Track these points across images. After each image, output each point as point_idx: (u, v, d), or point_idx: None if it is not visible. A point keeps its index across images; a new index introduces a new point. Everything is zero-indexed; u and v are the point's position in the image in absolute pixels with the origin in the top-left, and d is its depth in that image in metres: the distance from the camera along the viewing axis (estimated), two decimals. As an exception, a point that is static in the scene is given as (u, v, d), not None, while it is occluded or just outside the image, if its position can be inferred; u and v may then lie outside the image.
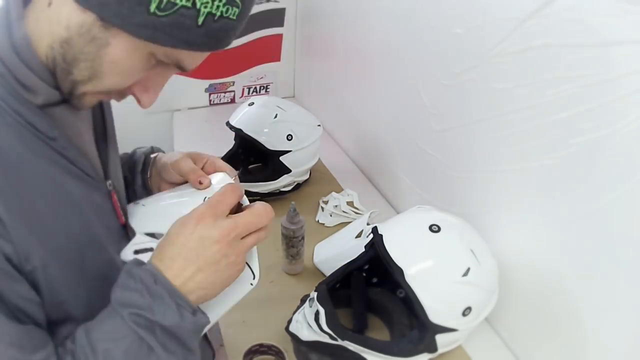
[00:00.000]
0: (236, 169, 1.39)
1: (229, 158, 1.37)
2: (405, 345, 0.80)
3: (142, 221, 0.62)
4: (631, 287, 0.68)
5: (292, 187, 1.33)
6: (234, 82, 1.93)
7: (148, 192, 0.76)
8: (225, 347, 0.91)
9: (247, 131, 1.24)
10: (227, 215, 0.56)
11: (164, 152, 0.80)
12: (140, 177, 0.74)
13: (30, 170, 0.48)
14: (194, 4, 0.44)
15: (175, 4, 0.44)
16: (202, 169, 0.68)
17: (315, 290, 0.85)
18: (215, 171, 0.68)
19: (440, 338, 0.79)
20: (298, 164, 1.28)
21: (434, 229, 0.80)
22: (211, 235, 0.53)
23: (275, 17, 1.83)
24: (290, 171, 1.27)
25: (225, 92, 1.94)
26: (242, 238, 0.56)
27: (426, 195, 1.16)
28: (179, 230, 0.54)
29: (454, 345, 0.85)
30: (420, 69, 1.09)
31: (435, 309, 0.76)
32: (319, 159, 1.39)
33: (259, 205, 0.58)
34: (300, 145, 1.26)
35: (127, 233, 0.65)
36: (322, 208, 1.29)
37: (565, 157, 0.74)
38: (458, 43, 0.93)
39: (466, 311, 0.78)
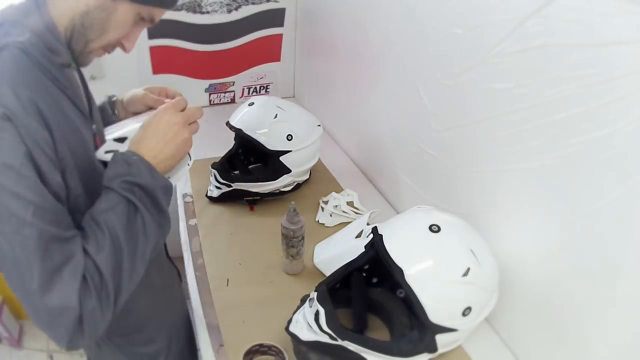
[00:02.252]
0: (235, 169, 1.42)
1: (229, 158, 1.37)
2: (405, 345, 0.80)
3: (111, 131, 0.84)
4: (631, 287, 0.68)
5: (292, 187, 1.33)
6: (234, 82, 1.93)
7: None
8: (225, 347, 0.91)
9: (247, 131, 1.24)
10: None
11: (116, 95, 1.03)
12: (114, 117, 0.98)
13: (59, 103, 0.68)
14: None
15: None
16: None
17: (315, 290, 0.85)
18: (167, 96, 0.95)
19: (440, 338, 0.79)
20: (298, 164, 1.28)
21: (434, 229, 0.80)
22: (174, 120, 0.76)
23: (275, 17, 1.83)
24: (290, 171, 1.27)
25: (225, 92, 1.95)
26: (189, 124, 0.80)
27: (426, 195, 1.16)
28: (152, 119, 0.77)
29: (454, 345, 0.86)
30: (420, 69, 1.09)
31: (435, 309, 0.76)
32: (319, 159, 1.39)
33: (197, 105, 0.83)
34: (300, 145, 1.26)
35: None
36: (322, 208, 1.30)
37: (565, 157, 0.74)
38: (458, 43, 0.93)
39: (466, 311, 0.78)
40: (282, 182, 1.28)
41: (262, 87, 1.99)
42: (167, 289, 1.01)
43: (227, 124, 1.29)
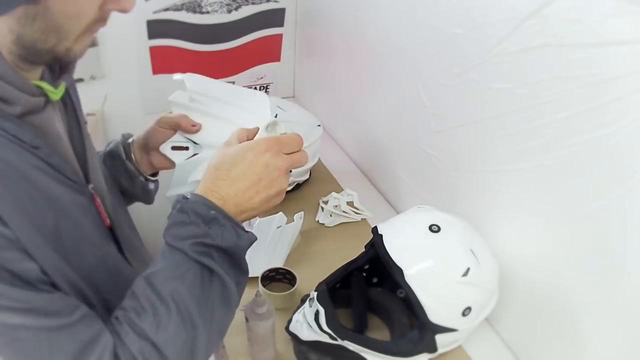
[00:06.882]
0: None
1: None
2: (405, 345, 0.80)
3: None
4: (630, 287, 0.68)
5: (292, 187, 1.33)
6: (234, 82, 1.93)
7: (139, 171, 0.84)
8: (226, 348, 0.91)
9: (247, 131, 1.23)
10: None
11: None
12: (129, 162, 0.82)
13: (22, 179, 0.49)
14: None
15: None
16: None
17: (315, 290, 0.85)
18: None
19: (440, 338, 0.79)
20: (298, 164, 1.28)
21: (434, 229, 0.80)
22: (276, 164, 0.60)
23: (275, 17, 1.83)
24: (290, 171, 1.27)
25: (225, 92, 1.94)
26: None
27: (426, 196, 1.16)
28: (243, 154, 0.59)
29: (454, 345, 0.85)
30: (420, 69, 1.09)
31: (435, 309, 0.76)
32: (319, 159, 1.39)
33: (304, 153, 0.67)
34: (300, 146, 1.26)
35: (113, 235, 0.66)
36: (322, 208, 1.29)
37: (565, 157, 0.74)
38: (458, 43, 0.93)
39: (466, 311, 0.78)
40: (282, 182, 1.28)
41: (262, 87, 1.99)
42: None
43: (227, 124, 1.29)
